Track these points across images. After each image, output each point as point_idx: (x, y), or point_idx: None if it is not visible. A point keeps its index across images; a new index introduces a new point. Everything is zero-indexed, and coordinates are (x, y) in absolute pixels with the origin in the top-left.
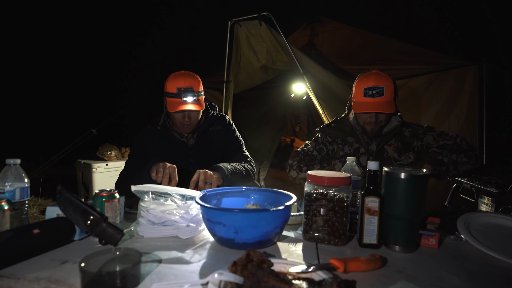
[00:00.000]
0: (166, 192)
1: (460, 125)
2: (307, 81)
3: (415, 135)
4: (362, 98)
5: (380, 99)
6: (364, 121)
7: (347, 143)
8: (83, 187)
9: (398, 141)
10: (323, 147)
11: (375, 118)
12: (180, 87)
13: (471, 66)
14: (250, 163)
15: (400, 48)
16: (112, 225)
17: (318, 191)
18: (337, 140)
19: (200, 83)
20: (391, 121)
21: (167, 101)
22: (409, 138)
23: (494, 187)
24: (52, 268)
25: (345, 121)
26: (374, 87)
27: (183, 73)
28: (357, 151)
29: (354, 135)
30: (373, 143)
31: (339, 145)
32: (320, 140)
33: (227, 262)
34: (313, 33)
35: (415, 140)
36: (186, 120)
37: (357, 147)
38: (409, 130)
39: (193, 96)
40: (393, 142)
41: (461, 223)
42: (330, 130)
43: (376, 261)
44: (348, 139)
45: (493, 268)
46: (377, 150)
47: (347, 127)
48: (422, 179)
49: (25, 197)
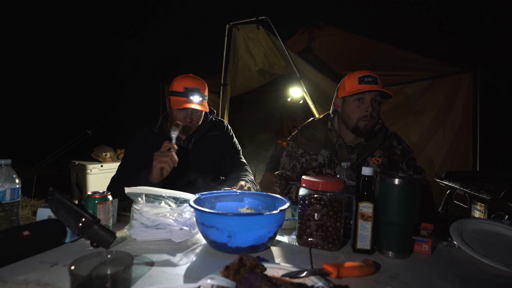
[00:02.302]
0: (160, 194)
1: (454, 131)
2: (304, 85)
3: (404, 156)
4: (358, 86)
5: (376, 86)
6: (360, 116)
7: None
8: (77, 188)
9: (385, 156)
10: (296, 163)
11: (371, 108)
12: (187, 86)
13: (466, 74)
14: (249, 171)
15: (397, 54)
16: (104, 228)
17: (313, 196)
18: (309, 151)
19: (206, 88)
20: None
21: (171, 100)
22: (399, 157)
23: (487, 194)
24: (41, 271)
25: (320, 127)
26: (369, 75)
27: (191, 76)
28: (332, 162)
29: (329, 146)
30: (354, 153)
31: (311, 155)
32: (292, 153)
33: (219, 266)
34: (311, 38)
35: (403, 163)
36: (188, 121)
37: (331, 159)
38: (400, 148)
39: (200, 96)
40: (377, 154)
41: (454, 230)
42: (303, 140)
43: (369, 267)
44: (322, 153)
45: (485, 274)
46: (356, 162)
47: (322, 134)
48: (416, 185)
49: (16, 198)
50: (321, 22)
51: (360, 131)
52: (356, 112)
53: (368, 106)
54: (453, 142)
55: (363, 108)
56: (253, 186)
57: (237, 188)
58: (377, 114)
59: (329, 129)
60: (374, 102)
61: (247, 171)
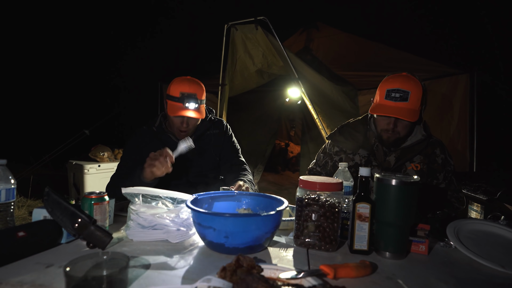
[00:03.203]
0: (157, 195)
1: (451, 132)
2: (302, 86)
3: (444, 167)
4: (383, 101)
5: (403, 105)
6: (382, 128)
7: (357, 153)
8: (74, 188)
9: (425, 163)
10: (328, 160)
11: (393, 125)
12: (184, 92)
13: (463, 75)
14: (248, 171)
15: (394, 55)
16: (100, 228)
17: (310, 197)
18: (346, 150)
19: (203, 91)
20: (415, 133)
21: (168, 104)
22: (438, 167)
23: (484, 194)
24: (36, 272)
25: (360, 127)
26: (398, 90)
27: (188, 79)
28: (369, 163)
29: (367, 147)
30: (391, 155)
31: (348, 154)
32: (328, 150)
33: (216, 267)
34: (309, 38)
35: (442, 174)
36: (184, 126)
37: (368, 159)
38: (442, 157)
39: (196, 103)
40: (417, 160)
41: (451, 230)
42: (341, 138)
43: (366, 268)
44: (359, 152)
45: (481, 274)
46: (395, 165)
47: (361, 134)
48: (413, 186)
49: (11, 199)
50: (319, 23)
51: (383, 141)
52: (379, 124)
53: (389, 123)
54: (450, 142)
55: (385, 123)
56: (252, 186)
57: (235, 188)
58: (403, 129)
59: (368, 129)
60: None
61: (246, 171)
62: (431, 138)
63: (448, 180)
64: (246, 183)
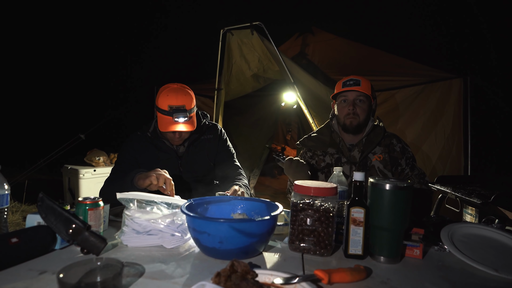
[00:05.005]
0: (152, 200)
1: (446, 136)
2: (298, 90)
3: (404, 154)
4: (341, 88)
5: (357, 88)
6: (344, 114)
7: (327, 153)
8: (69, 193)
9: (386, 152)
10: None
11: (352, 106)
12: (172, 105)
13: (457, 79)
14: (243, 175)
15: (390, 60)
16: (95, 234)
17: (305, 201)
18: (317, 152)
19: (193, 99)
20: (368, 124)
21: (158, 116)
22: (398, 154)
23: (478, 198)
24: (29, 279)
25: (325, 131)
26: (352, 79)
27: (175, 89)
28: (338, 161)
29: (334, 145)
30: (355, 150)
31: (319, 156)
32: (303, 157)
33: (211, 273)
34: (305, 43)
35: (403, 160)
36: (177, 138)
37: (338, 157)
38: (400, 146)
39: (185, 116)
40: (378, 151)
41: (445, 234)
42: (310, 142)
43: (361, 272)
44: (328, 150)
45: (475, 278)
46: (361, 157)
47: (327, 136)
48: (407, 190)
49: (4, 205)
50: (315, 28)
51: (347, 128)
52: (342, 112)
53: (349, 105)
54: (444, 146)
55: (346, 107)
56: (247, 190)
57: (231, 192)
58: (362, 112)
59: (332, 131)
60: (359, 102)
61: (241, 175)
62: (386, 132)
63: (411, 166)
64: (241, 188)
